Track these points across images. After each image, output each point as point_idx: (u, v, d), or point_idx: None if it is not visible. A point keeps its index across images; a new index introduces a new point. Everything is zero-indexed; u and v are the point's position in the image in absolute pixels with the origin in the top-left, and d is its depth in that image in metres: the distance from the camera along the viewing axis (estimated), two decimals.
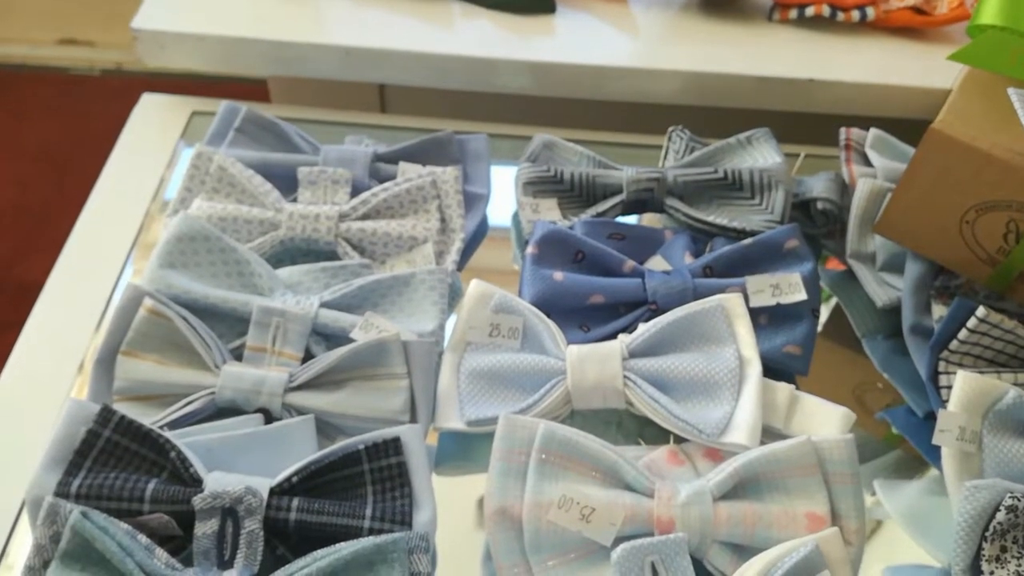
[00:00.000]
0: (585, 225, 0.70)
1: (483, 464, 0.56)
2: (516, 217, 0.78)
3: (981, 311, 0.62)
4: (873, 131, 0.79)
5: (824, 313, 0.78)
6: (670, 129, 0.79)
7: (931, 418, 0.62)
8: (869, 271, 0.72)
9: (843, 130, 0.80)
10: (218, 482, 0.52)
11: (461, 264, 0.73)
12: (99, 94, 2.29)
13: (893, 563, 0.60)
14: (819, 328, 0.71)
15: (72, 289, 0.73)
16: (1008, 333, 0.63)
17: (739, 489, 0.54)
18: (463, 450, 0.62)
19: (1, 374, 0.68)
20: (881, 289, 0.71)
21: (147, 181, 0.82)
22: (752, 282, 0.66)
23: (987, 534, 0.54)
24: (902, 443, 0.72)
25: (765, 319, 0.66)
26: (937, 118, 0.63)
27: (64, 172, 2.01)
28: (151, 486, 0.52)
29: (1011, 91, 0.63)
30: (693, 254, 0.70)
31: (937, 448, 0.59)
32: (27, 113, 2.26)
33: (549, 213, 0.73)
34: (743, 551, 0.53)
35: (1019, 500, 0.53)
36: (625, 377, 0.59)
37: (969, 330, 0.62)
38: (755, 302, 0.65)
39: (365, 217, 0.69)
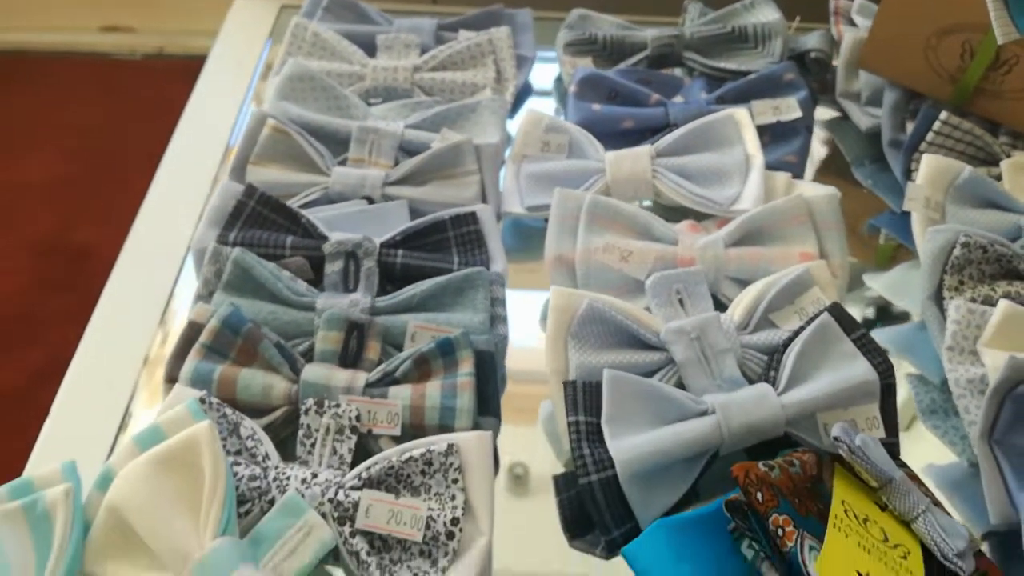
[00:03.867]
0: (617, 73, 0.85)
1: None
2: (558, 80, 0.93)
3: (943, 115, 0.76)
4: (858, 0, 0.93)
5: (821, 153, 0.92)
6: (685, 2, 0.93)
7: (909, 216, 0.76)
8: (855, 105, 0.86)
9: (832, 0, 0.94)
10: (340, 237, 0.67)
11: (511, 114, 0.87)
12: (140, 77, 2.41)
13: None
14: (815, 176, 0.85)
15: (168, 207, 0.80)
16: (967, 134, 0.77)
17: (745, 238, 0.68)
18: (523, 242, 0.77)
19: (84, 336, 0.70)
20: (865, 118, 0.85)
21: (243, 75, 0.96)
22: (756, 105, 0.80)
23: (947, 268, 0.68)
24: (891, 262, 0.86)
25: (768, 137, 0.81)
26: None
27: (108, 149, 2.12)
28: (290, 238, 0.67)
29: None
30: (707, 93, 0.84)
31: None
32: (71, 96, 2.36)
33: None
34: (748, 285, 0.67)
35: (970, 238, 0.67)
36: (653, 170, 0.74)
37: (935, 132, 0.76)
38: (759, 121, 0.79)
39: (434, 69, 0.84)
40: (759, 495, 0.50)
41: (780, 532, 0.49)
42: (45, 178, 1.99)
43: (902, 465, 0.59)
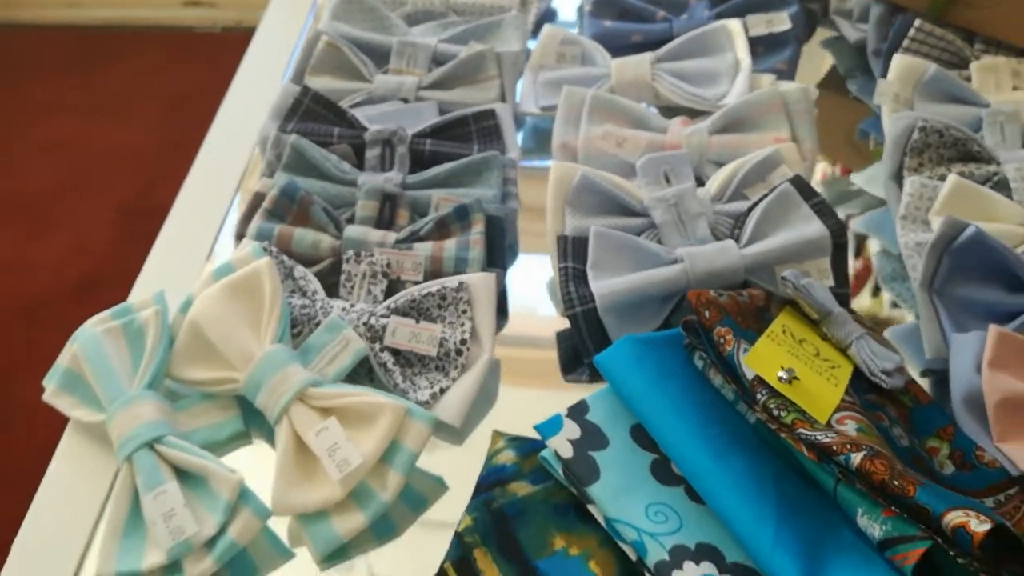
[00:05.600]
0: None
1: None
2: (579, 8, 1.03)
3: (917, 22, 0.84)
4: None
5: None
6: None
7: None
8: (847, 22, 0.94)
9: None
10: (378, 127, 0.79)
11: (534, 35, 0.98)
12: (220, 49, 2.54)
13: None
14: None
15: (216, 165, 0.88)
16: (940, 40, 0.85)
17: (727, 126, 0.78)
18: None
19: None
20: (854, 32, 0.93)
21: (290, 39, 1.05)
22: (751, 19, 0.89)
23: (906, 150, 0.76)
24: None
25: (762, 48, 0.90)
26: None
27: (191, 118, 2.27)
28: (337, 129, 0.80)
29: None
30: (710, 10, 0.93)
31: None
32: (157, 68, 2.50)
33: None
34: None
35: (927, 123, 0.76)
36: (653, 74, 0.84)
37: (910, 38, 0.85)
38: (753, 32, 0.89)
39: None
40: (707, 312, 0.61)
41: (722, 340, 0.59)
42: (133, 145, 2.16)
43: (851, 313, 0.69)
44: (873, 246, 0.81)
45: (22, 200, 2.04)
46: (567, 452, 0.58)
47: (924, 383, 0.69)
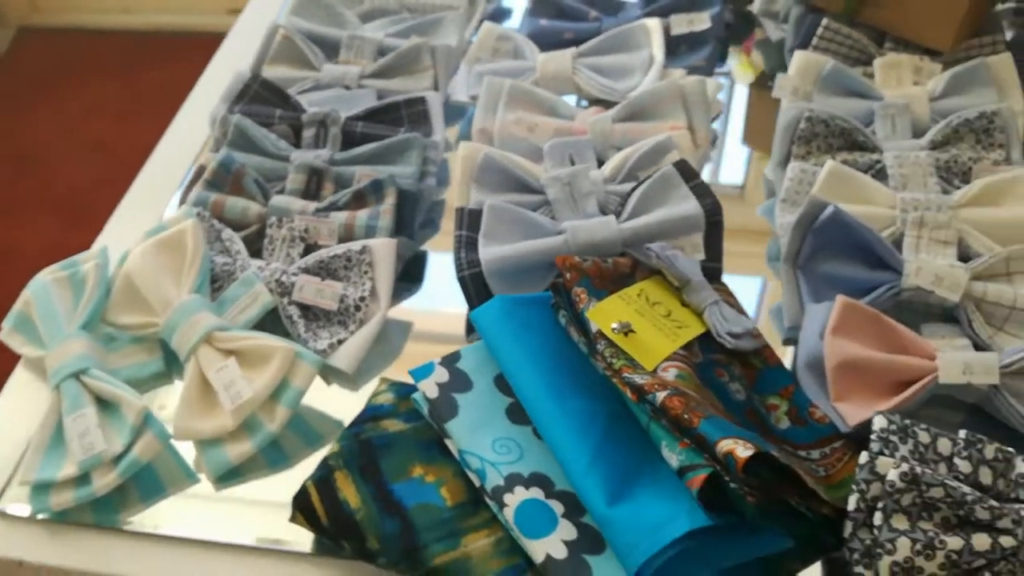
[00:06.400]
0: None
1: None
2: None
3: (824, 21, 0.89)
4: None
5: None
6: None
7: None
8: (773, 23, 1.00)
9: None
10: (314, 110, 0.87)
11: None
12: None
13: None
14: None
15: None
16: (847, 38, 0.90)
17: (630, 115, 0.85)
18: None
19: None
20: (777, 32, 0.98)
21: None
22: (675, 18, 0.95)
23: (795, 139, 0.81)
24: None
25: (686, 46, 0.96)
26: None
27: None
28: (279, 111, 0.88)
29: None
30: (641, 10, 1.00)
31: None
32: (197, 71, 2.65)
33: None
34: None
35: (813, 113, 0.81)
36: (574, 68, 0.91)
37: (818, 36, 0.90)
38: (676, 31, 0.95)
39: None
40: (568, 275, 0.67)
41: (577, 299, 0.66)
42: None
43: (720, 285, 0.75)
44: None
45: (66, 192, 2.18)
46: (433, 393, 0.65)
47: (792, 351, 0.75)
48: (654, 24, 0.92)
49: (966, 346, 0.68)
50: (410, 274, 0.82)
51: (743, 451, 0.52)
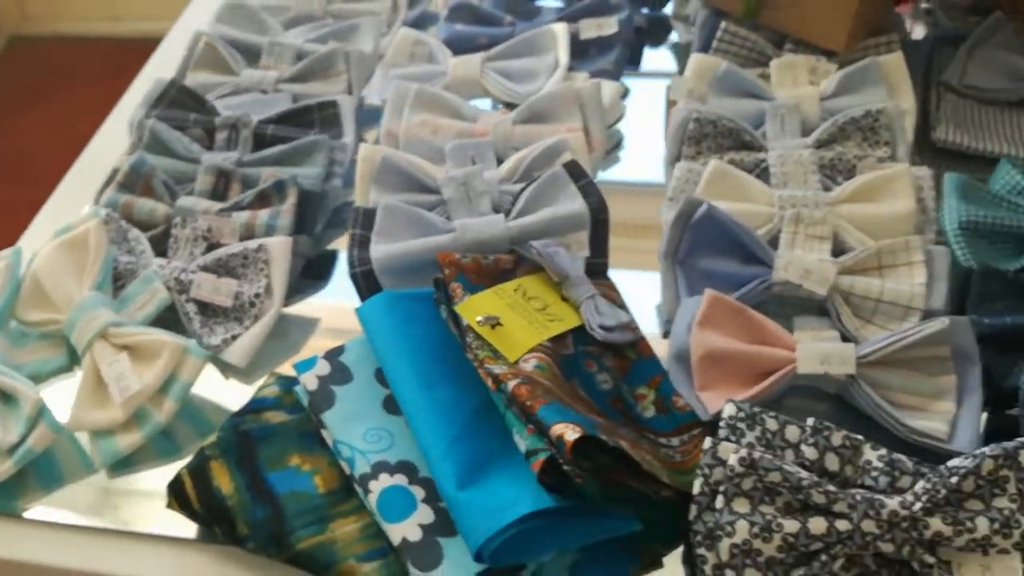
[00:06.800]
0: (489, 1, 1.05)
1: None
2: None
3: (723, 23, 0.92)
4: None
5: None
6: None
7: None
8: (684, 26, 1.03)
9: None
10: (227, 114, 0.90)
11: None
12: None
13: None
14: None
15: None
16: (746, 40, 0.92)
17: (530, 118, 0.87)
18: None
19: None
20: (686, 35, 1.01)
21: None
22: (584, 24, 0.98)
23: (685, 139, 0.84)
24: None
25: (594, 50, 0.98)
26: None
27: None
28: (193, 115, 0.91)
29: None
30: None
31: None
32: None
33: None
34: None
35: (701, 115, 0.83)
36: (483, 72, 0.94)
37: (718, 39, 0.92)
38: (585, 35, 0.98)
39: (344, 0, 1.07)
40: (447, 271, 0.70)
41: (454, 294, 0.69)
42: None
43: (604, 281, 0.77)
44: None
45: None
46: (313, 385, 0.68)
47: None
48: (560, 29, 0.95)
49: (834, 338, 0.71)
50: (317, 272, 0.85)
51: (572, 434, 0.55)
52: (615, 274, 0.78)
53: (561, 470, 0.57)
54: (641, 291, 0.79)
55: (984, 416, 0.68)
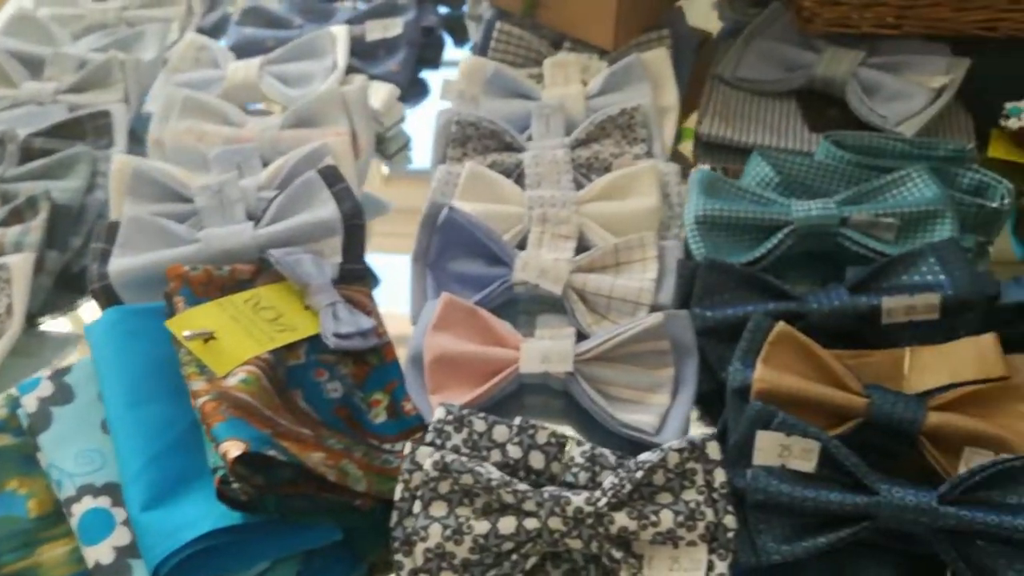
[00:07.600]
0: (285, 3, 1.04)
1: None
2: None
3: (497, 24, 0.92)
4: None
5: None
6: None
7: None
8: (475, 24, 1.03)
9: None
10: None
11: None
12: None
13: None
14: None
15: None
16: (521, 40, 0.93)
17: (298, 122, 0.86)
18: None
19: None
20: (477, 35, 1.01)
21: None
22: (370, 25, 0.97)
23: (448, 142, 0.84)
24: None
25: (383, 51, 0.98)
26: None
27: None
28: None
29: None
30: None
31: None
32: None
33: None
34: None
35: (462, 117, 0.83)
36: (260, 76, 0.93)
37: (494, 40, 0.93)
38: (371, 37, 0.97)
39: None
40: (172, 284, 0.69)
41: (176, 307, 0.68)
42: None
43: (359, 287, 0.76)
44: None
45: None
46: (32, 407, 0.67)
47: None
48: (340, 31, 0.94)
49: (570, 335, 0.71)
50: (79, 287, 0.84)
51: (235, 451, 0.54)
52: (405, 261, 0.78)
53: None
54: None
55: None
